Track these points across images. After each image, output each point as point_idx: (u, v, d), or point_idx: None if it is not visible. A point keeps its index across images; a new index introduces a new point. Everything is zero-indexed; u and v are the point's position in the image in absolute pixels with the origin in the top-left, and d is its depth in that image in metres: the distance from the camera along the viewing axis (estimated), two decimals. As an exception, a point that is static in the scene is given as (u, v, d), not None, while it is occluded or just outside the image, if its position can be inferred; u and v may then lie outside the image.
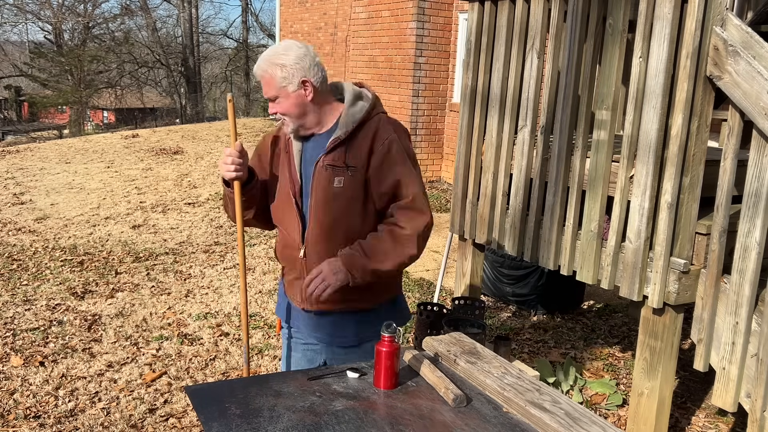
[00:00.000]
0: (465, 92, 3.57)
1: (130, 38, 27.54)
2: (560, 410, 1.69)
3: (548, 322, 4.44)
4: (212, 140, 12.36)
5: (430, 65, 8.61)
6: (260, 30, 31.96)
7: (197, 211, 7.30)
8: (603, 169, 2.82)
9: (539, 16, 3.12)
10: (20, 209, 7.24)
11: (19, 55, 28.98)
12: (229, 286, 4.91)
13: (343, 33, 12.53)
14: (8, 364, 3.56)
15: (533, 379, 1.91)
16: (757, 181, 2.35)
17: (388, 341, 1.83)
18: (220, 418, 1.62)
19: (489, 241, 3.48)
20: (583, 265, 2.92)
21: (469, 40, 3.51)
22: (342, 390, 1.82)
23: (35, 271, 5.15)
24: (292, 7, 14.69)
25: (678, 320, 2.69)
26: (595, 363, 3.88)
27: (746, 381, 2.44)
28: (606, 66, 2.80)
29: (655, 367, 2.71)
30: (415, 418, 1.68)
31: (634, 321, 4.42)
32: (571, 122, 2.99)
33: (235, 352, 3.79)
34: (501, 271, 4.67)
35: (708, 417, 3.32)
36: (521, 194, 3.25)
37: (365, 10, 9.38)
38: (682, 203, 2.58)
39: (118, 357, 3.69)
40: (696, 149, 2.54)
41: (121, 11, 28.17)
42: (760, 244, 2.36)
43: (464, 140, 3.60)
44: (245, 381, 1.88)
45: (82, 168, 9.73)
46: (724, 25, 2.44)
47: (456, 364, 2.00)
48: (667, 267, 2.61)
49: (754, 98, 2.33)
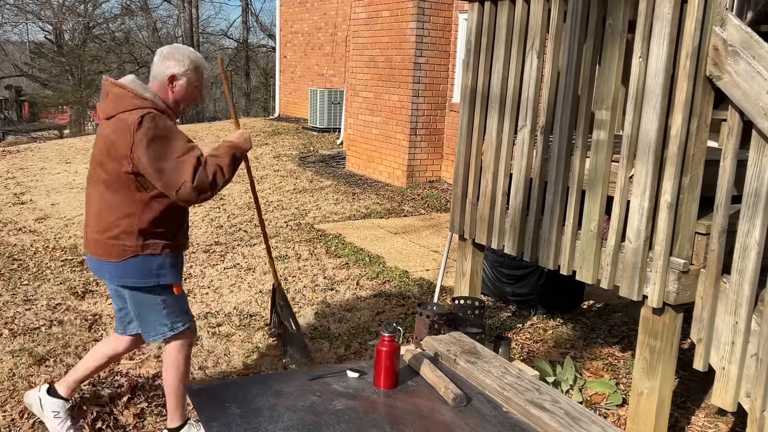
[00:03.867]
0: (465, 92, 3.58)
1: (130, 38, 27.55)
2: (560, 410, 1.70)
3: (548, 322, 4.45)
4: (212, 140, 12.36)
5: (430, 65, 8.62)
6: (260, 30, 31.92)
7: (197, 210, 7.30)
8: (603, 169, 2.82)
9: (539, 16, 3.12)
10: (21, 209, 7.24)
11: (20, 55, 28.98)
12: (229, 285, 4.92)
13: (343, 33, 12.53)
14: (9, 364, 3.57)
15: (533, 378, 1.91)
16: (757, 181, 2.35)
17: (388, 341, 1.84)
18: (220, 418, 1.62)
19: (489, 241, 3.48)
20: (583, 265, 2.93)
21: (469, 40, 3.51)
22: (342, 389, 1.82)
23: (36, 270, 5.16)
24: (292, 7, 14.70)
25: (678, 320, 2.69)
26: (594, 362, 3.88)
27: (746, 380, 2.44)
28: (606, 66, 2.80)
29: (654, 366, 2.71)
30: (415, 417, 1.68)
31: (633, 321, 4.42)
32: (570, 122, 2.99)
33: (235, 352, 3.80)
34: (501, 270, 4.67)
35: (708, 417, 3.33)
36: (521, 194, 3.25)
37: (365, 10, 9.38)
38: (681, 203, 2.58)
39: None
40: (696, 149, 2.54)
41: (121, 11, 28.17)
42: (760, 244, 2.37)
43: (464, 140, 3.61)
44: (245, 381, 1.88)
45: (82, 168, 9.73)
46: (723, 25, 2.44)
47: (456, 363, 2.00)
48: (667, 267, 2.62)
49: (753, 98, 2.33)
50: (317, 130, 12.80)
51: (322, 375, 1.90)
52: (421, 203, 8.05)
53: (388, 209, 7.69)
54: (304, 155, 10.86)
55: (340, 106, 12.29)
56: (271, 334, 3.88)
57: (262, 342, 3.94)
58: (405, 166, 8.79)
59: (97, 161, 2.55)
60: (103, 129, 2.54)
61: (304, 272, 5.27)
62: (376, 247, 6.06)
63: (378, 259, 5.68)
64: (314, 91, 12.70)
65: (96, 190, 2.57)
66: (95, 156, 2.57)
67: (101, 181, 2.53)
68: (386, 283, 5.09)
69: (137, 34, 28.66)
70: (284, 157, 10.64)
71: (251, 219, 6.95)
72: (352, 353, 3.83)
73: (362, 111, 9.63)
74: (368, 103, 9.47)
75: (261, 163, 10.14)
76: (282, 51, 15.26)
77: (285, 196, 8.10)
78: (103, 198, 2.54)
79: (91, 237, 2.61)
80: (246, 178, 9.27)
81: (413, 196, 8.35)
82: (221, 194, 8.10)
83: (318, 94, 12.61)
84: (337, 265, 5.47)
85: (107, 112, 2.53)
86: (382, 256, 5.77)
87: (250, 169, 3.23)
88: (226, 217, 7.04)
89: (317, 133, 12.74)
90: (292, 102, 15.01)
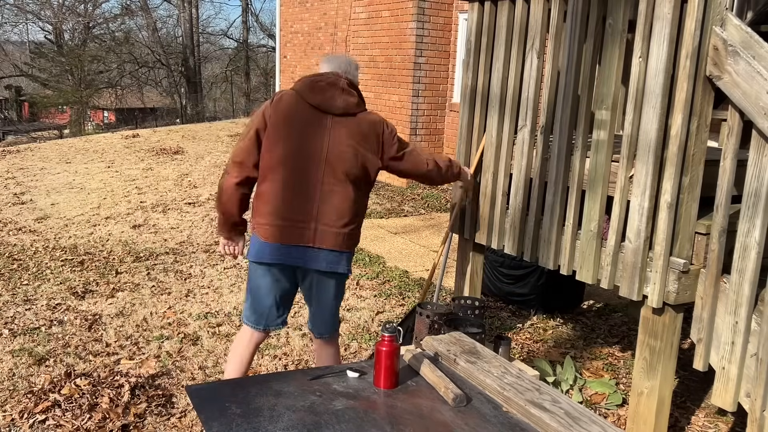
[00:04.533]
0: (465, 92, 3.58)
1: (130, 38, 27.56)
2: (560, 410, 1.70)
3: (548, 322, 4.45)
4: (213, 140, 12.37)
5: (430, 65, 8.62)
6: (260, 30, 31.99)
7: (197, 210, 7.30)
8: (603, 168, 2.82)
9: (539, 16, 3.12)
10: (21, 209, 7.24)
11: (20, 55, 29.00)
12: (229, 285, 4.92)
13: (343, 33, 12.53)
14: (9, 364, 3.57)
15: (533, 378, 1.91)
16: (757, 181, 2.35)
17: (388, 341, 1.84)
18: (220, 418, 1.62)
19: (489, 241, 3.48)
20: (583, 265, 2.93)
21: (469, 40, 3.51)
22: (342, 389, 1.82)
23: (36, 270, 5.16)
24: (292, 7, 14.69)
25: (678, 320, 2.69)
26: (594, 362, 3.88)
27: (746, 380, 2.44)
28: (606, 66, 2.80)
29: (654, 366, 2.71)
30: (415, 417, 1.68)
31: (633, 321, 4.42)
32: (570, 122, 2.99)
33: (235, 351, 3.80)
34: (501, 270, 4.67)
35: (708, 416, 3.33)
36: (521, 194, 3.25)
37: (365, 10, 9.38)
38: (681, 203, 2.58)
39: (118, 357, 3.70)
40: (695, 149, 2.54)
41: (121, 11, 28.20)
42: (760, 244, 2.37)
43: (464, 140, 3.61)
44: (245, 381, 1.88)
45: (82, 168, 9.74)
46: (723, 25, 2.44)
47: (456, 363, 2.00)
48: (667, 267, 2.62)
49: (753, 98, 2.33)
50: (317, 130, 12.77)
51: (322, 375, 1.90)
52: (421, 203, 8.05)
53: (388, 209, 7.69)
54: (304, 155, 10.84)
55: (340, 106, 12.26)
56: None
57: (262, 342, 3.94)
58: (405, 166, 8.78)
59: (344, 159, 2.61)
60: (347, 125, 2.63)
61: (304, 272, 5.27)
62: (376, 247, 6.06)
63: (378, 259, 5.68)
64: (314, 91, 12.67)
65: (341, 186, 2.62)
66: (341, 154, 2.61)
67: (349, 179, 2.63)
68: (386, 283, 5.09)
69: (137, 34, 28.68)
70: (284, 157, 10.63)
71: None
72: (352, 353, 3.83)
73: (362, 111, 9.62)
74: (368, 103, 9.45)
75: (261, 163, 10.13)
76: (282, 51, 15.26)
77: (285, 196, 8.09)
78: (347, 193, 2.62)
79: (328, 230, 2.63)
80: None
81: (413, 196, 8.35)
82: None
83: (318, 94, 12.59)
84: (337, 265, 5.47)
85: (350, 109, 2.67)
86: (382, 256, 5.77)
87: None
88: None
89: (317, 133, 12.72)
90: (292, 102, 14.97)
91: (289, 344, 3.92)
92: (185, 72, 27.46)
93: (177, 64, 28.02)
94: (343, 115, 2.62)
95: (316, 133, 2.58)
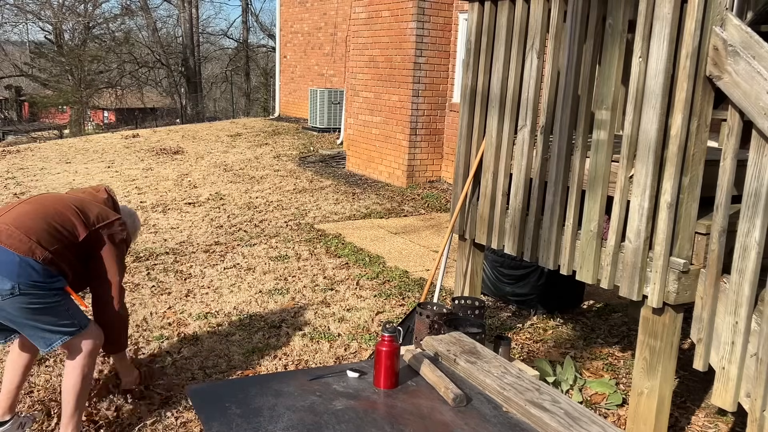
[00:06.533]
0: (465, 92, 3.58)
1: (130, 38, 27.57)
2: (560, 410, 1.70)
3: (548, 322, 4.45)
4: (212, 140, 12.37)
5: (430, 65, 8.62)
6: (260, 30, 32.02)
7: (197, 210, 7.30)
8: (603, 169, 2.82)
9: (539, 16, 3.12)
10: (21, 209, 7.24)
11: (20, 55, 29.00)
12: (229, 285, 4.92)
13: (343, 33, 12.54)
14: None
15: (533, 378, 1.91)
16: (757, 181, 2.35)
17: (388, 341, 1.84)
18: (220, 418, 1.62)
19: (489, 241, 3.49)
20: (583, 265, 2.93)
21: (469, 40, 3.51)
22: (342, 389, 1.82)
23: (36, 271, 5.15)
24: (292, 7, 14.70)
25: (677, 320, 2.69)
26: (594, 362, 3.88)
27: (746, 380, 2.44)
28: (606, 66, 2.80)
29: (654, 366, 2.71)
30: (415, 417, 1.68)
31: (633, 321, 4.42)
32: (570, 122, 2.99)
33: (235, 351, 3.80)
34: (501, 270, 4.67)
35: (708, 416, 3.33)
36: (521, 194, 3.25)
37: (365, 10, 9.38)
38: (681, 203, 2.58)
39: (118, 357, 3.70)
40: (695, 149, 2.54)
41: (121, 11, 28.21)
42: (760, 244, 2.37)
43: (464, 140, 3.61)
44: (245, 381, 1.88)
45: (82, 168, 9.74)
46: (723, 25, 2.44)
47: (456, 363, 2.00)
48: (667, 267, 2.62)
49: (753, 98, 2.33)
50: (317, 130, 12.80)
51: (322, 375, 1.90)
52: (421, 203, 8.05)
53: (388, 209, 7.69)
54: (304, 155, 10.86)
55: (340, 106, 12.29)
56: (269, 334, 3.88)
57: (262, 342, 3.94)
58: (405, 166, 8.79)
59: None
60: None
61: (304, 272, 5.27)
62: (376, 247, 6.06)
63: (378, 259, 5.68)
64: (314, 91, 12.70)
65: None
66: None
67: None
68: (386, 283, 5.09)
69: (137, 34, 28.69)
70: (284, 157, 10.64)
71: (251, 219, 6.95)
72: (352, 353, 3.84)
73: (362, 111, 9.63)
74: (368, 103, 9.47)
75: (261, 163, 10.15)
76: (282, 51, 15.27)
77: (285, 196, 8.10)
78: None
79: None
80: (245, 178, 9.23)
81: (413, 196, 8.35)
82: (221, 194, 8.10)
83: (318, 94, 12.62)
84: (337, 265, 5.47)
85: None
86: (382, 256, 5.77)
87: None
88: (226, 217, 7.05)
89: (317, 133, 12.75)
90: (292, 102, 15.01)
91: (289, 344, 3.93)
92: (185, 72, 27.46)
93: (177, 64, 28.03)
94: None
95: None
